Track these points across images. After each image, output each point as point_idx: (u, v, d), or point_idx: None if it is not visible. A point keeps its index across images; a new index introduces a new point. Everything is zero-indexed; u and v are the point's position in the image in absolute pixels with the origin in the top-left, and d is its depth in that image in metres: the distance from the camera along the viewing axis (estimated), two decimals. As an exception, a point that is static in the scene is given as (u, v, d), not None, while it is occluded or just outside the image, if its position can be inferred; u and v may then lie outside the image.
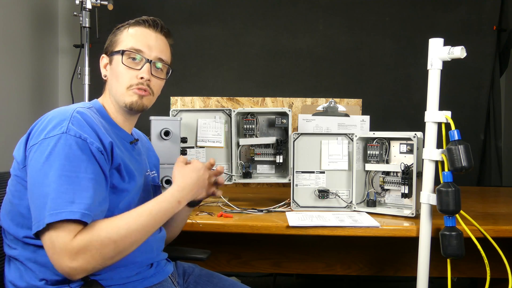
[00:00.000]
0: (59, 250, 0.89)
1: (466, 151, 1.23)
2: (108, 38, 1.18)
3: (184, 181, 1.11)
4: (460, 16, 2.84)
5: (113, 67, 1.14)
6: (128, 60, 1.12)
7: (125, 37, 1.14)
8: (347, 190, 1.63)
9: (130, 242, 0.95)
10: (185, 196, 1.09)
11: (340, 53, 2.88)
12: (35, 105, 2.71)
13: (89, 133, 0.99)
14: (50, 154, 0.94)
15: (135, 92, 1.11)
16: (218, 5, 2.88)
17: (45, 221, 0.89)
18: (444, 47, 1.29)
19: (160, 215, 1.02)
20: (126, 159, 1.09)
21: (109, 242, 0.92)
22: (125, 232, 0.94)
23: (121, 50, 1.12)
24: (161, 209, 1.02)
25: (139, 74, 1.11)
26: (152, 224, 1.00)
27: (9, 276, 1.05)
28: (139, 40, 1.13)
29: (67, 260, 0.89)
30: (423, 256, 1.33)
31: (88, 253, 0.90)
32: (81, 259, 0.89)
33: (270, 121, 1.81)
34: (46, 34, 2.85)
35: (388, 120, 2.76)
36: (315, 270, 1.73)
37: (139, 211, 0.99)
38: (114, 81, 1.13)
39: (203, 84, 2.86)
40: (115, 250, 0.93)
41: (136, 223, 0.96)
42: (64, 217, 0.89)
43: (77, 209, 0.90)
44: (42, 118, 1.02)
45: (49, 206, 0.90)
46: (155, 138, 1.55)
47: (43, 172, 0.93)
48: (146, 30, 1.15)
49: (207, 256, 1.39)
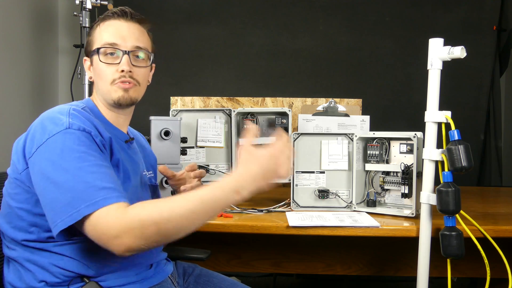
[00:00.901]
0: (104, 235, 0.88)
1: (466, 151, 1.23)
2: (86, 40, 1.18)
3: (248, 168, 0.94)
4: (460, 16, 2.84)
5: (94, 67, 1.13)
6: (105, 57, 1.10)
7: (98, 34, 1.12)
8: (347, 190, 1.63)
9: (174, 227, 0.89)
10: (247, 186, 0.93)
11: (340, 53, 2.88)
12: (35, 105, 2.71)
13: (90, 127, 0.99)
14: (62, 151, 0.93)
15: (119, 86, 1.10)
16: (218, 5, 2.88)
17: (81, 213, 0.88)
18: (444, 47, 1.29)
19: (211, 204, 0.91)
20: (122, 157, 1.08)
21: (150, 224, 0.87)
22: (168, 214, 0.88)
23: (96, 48, 1.11)
24: (213, 198, 0.91)
25: (119, 68, 1.09)
26: (202, 212, 0.90)
27: (8, 277, 1.05)
28: (111, 33, 1.11)
29: (114, 241, 0.87)
30: (423, 256, 1.33)
31: (131, 232, 0.87)
32: (125, 238, 0.87)
33: (270, 121, 1.81)
34: (46, 34, 2.85)
35: (388, 120, 2.76)
36: (315, 270, 1.73)
37: (189, 196, 0.91)
38: (98, 80, 1.13)
39: (203, 84, 2.86)
40: (158, 233, 0.88)
41: (182, 207, 0.89)
42: (101, 205, 0.88)
43: (108, 194, 0.90)
44: (36, 121, 1.01)
45: (80, 199, 0.89)
46: (155, 138, 1.55)
47: (61, 168, 0.91)
48: (116, 21, 1.12)
49: (207, 256, 1.39)
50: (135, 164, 1.16)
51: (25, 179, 0.99)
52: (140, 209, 0.90)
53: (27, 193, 1.00)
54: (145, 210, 0.89)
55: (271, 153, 0.95)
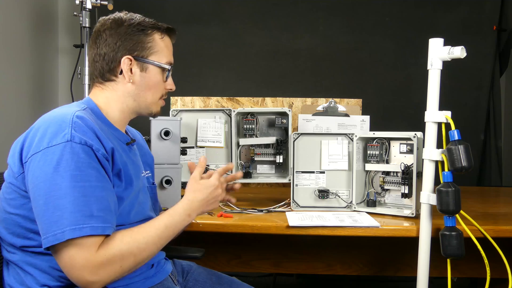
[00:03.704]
0: (80, 266, 0.89)
1: (466, 151, 1.23)
2: (127, 36, 1.08)
3: (194, 195, 1.12)
4: (460, 16, 2.84)
5: (148, 76, 1.12)
6: (165, 73, 1.15)
7: (160, 47, 1.13)
8: (347, 190, 1.63)
9: (147, 255, 0.99)
10: (195, 209, 1.11)
11: (340, 53, 2.88)
12: (35, 105, 2.71)
13: (93, 139, 0.96)
14: (58, 164, 0.91)
15: (162, 102, 1.18)
16: (218, 5, 2.88)
17: (65, 236, 0.87)
18: (444, 47, 1.29)
19: (172, 228, 1.04)
20: (124, 163, 1.06)
21: (129, 255, 0.95)
22: (144, 245, 0.97)
23: (168, 68, 1.14)
24: (173, 222, 1.05)
25: (168, 86, 1.17)
26: (166, 237, 1.03)
27: (8, 281, 1.03)
28: (171, 53, 1.17)
29: (88, 275, 0.89)
30: (423, 256, 1.33)
31: (109, 267, 0.91)
32: (102, 273, 0.90)
33: (270, 121, 1.81)
34: (46, 34, 2.85)
35: (388, 120, 2.76)
36: (315, 270, 1.73)
37: (155, 224, 1.02)
38: (146, 90, 1.13)
39: (203, 84, 2.86)
40: (134, 262, 0.96)
41: (153, 236, 1.00)
42: (86, 233, 0.89)
43: (97, 223, 0.90)
44: (37, 125, 0.98)
45: (68, 220, 0.88)
46: (155, 138, 1.55)
47: (54, 183, 0.90)
48: (171, 40, 1.18)
49: (201, 254, 1.39)
50: (137, 167, 1.15)
51: (21, 183, 0.97)
52: (119, 243, 0.94)
53: (23, 199, 0.98)
54: (123, 243, 0.94)
55: (213, 185, 1.14)
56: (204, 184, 1.14)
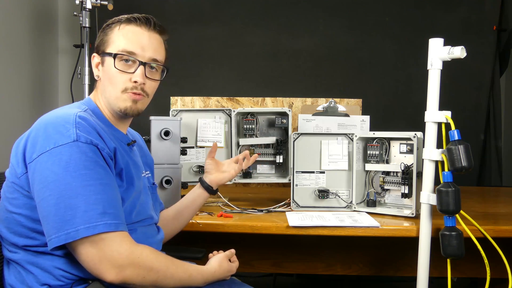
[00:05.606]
0: (107, 261, 0.91)
1: (466, 151, 1.23)
2: (99, 36, 1.12)
3: (220, 273, 1.17)
4: (460, 16, 2.84)
5: (105, 69, 1.08)
6: (120, 63, 1.06)
7: (117, 37, 1.07)
8: (347, 190, 1.63)
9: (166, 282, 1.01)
10: (211, 280, 1.15)
11: (340, 53, 2.88)
12: (35, 105, 2.71)
13: (97, 139, 0.97)
14: (68, 164, 0.92)
15: (129, 96, 1.07)
16: (218, 5, 2.88)
17: (79, 234, 0.89)
18: (444, 47, 1.29)
19: (191, 281, 1.07)
20: (126, 163, 1.07)
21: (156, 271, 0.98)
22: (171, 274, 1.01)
23: (113, 53, 1.06)
24: (196, 278, 1.09)
25: (132, 78, 1.06)
26: (184, 282, 1.05)
27: (9, 280, 1.03)
28: (132, 40, 1.07)
29: (114, 269, 0.92)
30: (423, 256, 1.33)
31: (136, 268, 0.94)
32: (129, 271, 0.93)
33: (270, 121, 1.81)
34: (46, 34, 2.85)
35: (388, 120, 2.75)
36: (315, 270, 1.73)
37: (186, 267, 1.07)
38: (107, 84, 1.08)
39: (203, 84, 2.86)
40: (154, 281, 0.98)
41: (179, 274, 1.04)
42: (100, 230, 0.90)
43: (110, 219, 0.92)
44: (38, 125, 0.98)
45: (81, 219, 0.90)
46: (155, 138, 1.55)
47: (65, 183, 0.91)
48: (138, 29, 1.08)
49: (202, 255, 1.38)
50: (137, 167, 1.15)
51: (24, 183, 0.97)
52: (154, 255, 0.99)
53: (26, 198, 0.98)
54: (158, 259, 0.99)
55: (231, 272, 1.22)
56: (228, 268, 1.20)
